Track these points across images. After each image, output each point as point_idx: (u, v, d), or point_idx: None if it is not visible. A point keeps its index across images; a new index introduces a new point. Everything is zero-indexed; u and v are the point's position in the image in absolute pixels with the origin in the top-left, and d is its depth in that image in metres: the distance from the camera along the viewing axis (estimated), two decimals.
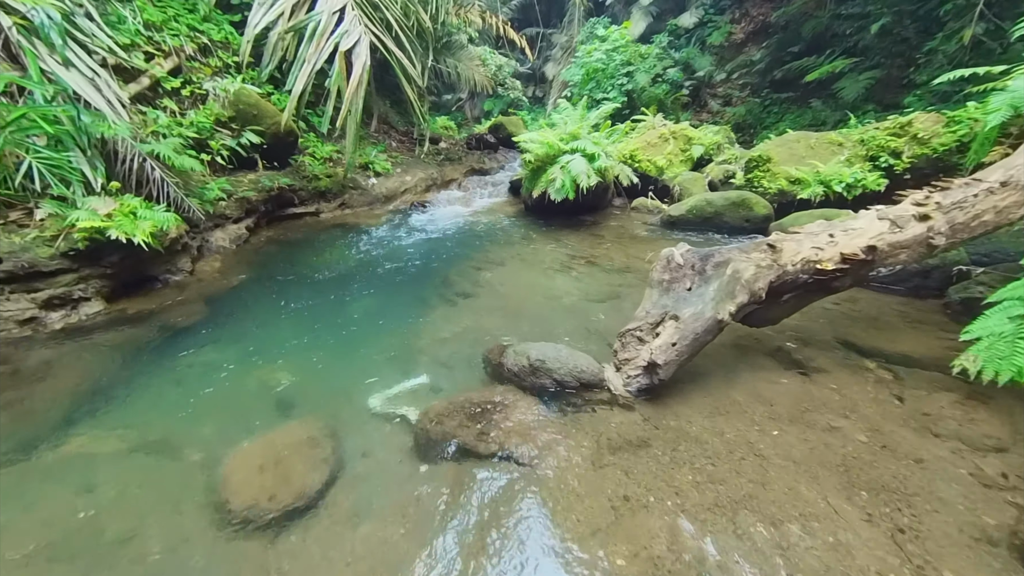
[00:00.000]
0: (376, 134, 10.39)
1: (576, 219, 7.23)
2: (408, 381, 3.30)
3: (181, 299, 4.45)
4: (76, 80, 4.46)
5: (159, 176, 5.11)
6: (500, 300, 4.56)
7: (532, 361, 2.86)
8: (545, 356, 2.85)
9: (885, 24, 10.13)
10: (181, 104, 6.57)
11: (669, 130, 8.19)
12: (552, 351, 2.89)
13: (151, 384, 3.36)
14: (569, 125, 7.18)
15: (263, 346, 3.84)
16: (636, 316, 2.93)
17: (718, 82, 16.20)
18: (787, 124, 13.60)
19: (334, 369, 3.54)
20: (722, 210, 6.29)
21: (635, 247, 5.95)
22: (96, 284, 3.97)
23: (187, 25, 6.98)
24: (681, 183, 7.32)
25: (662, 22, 17.38)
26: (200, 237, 5.53)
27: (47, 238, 3.73)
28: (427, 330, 4.00)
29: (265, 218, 6.83)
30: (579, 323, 4.06)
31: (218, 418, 3.02)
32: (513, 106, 18.82)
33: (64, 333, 3.77)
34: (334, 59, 4.91)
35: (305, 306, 4.50)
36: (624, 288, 4.77)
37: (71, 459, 2.69)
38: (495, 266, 5.47)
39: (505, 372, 3.01)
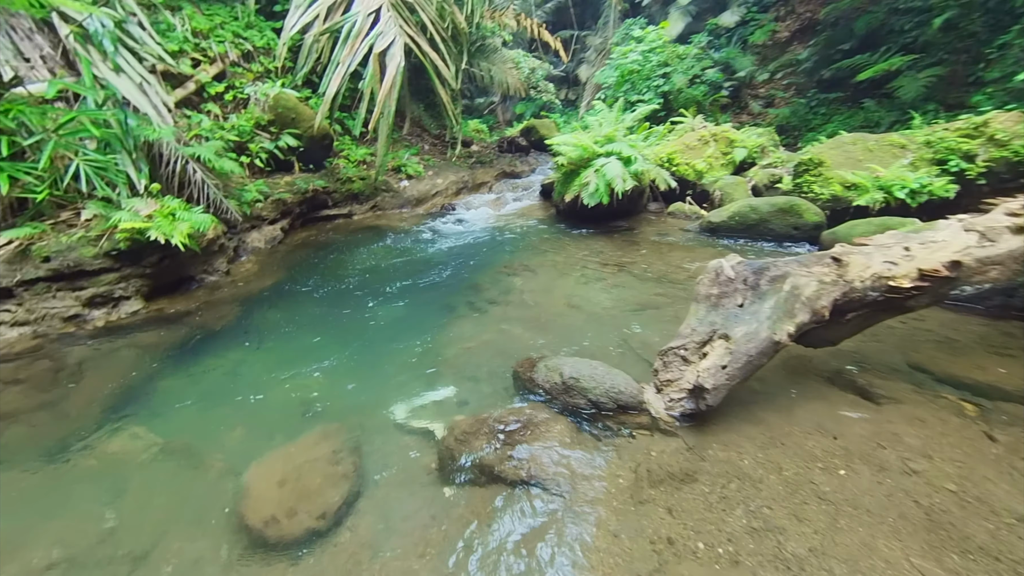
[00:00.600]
0: (409, 137, 10.42)
1: (609, 224, 6.95)
2: (433, 392, 3.16)
3: (215, 300, 4.49)
4: (126, 86, 4.59)
5: (200, 178, 5.21)
6: (530, 309, 4.37)
7: (565, 379, 2.64)
8: (579, 374, 2.63)
9: (950, 18, 9.34)
10: (224, 108, 6.73)
11: (710, 132, 7.78)
12: (587, 368, 2.66)
13: (181, 387, 3.35)
14: (604, 127, 6.91)
15: (291, 351, 3.80)
16: (680, 333, 2.67)
17: (760, 83, 15.49)
18: (836, 126, 12.85)
19: (360, 376, 3.44)
20: (768, 217, 5.87)
21: (672, 255, 5.63)
22: (136, 283, 4.03)
23: (232, 32, 7.16)
24: (722, 188, 6.92)
25: (701, 22, 16.78)
26: (237, 238, 5.61)
27: (92, 238, 3.81)
28: (454, 339, 3.85)
29: (299, 220, 6.89)
30: (613, 336, 3.81)
31: (243, 424, 2.97)
32: (545, 109, 18.62)
33: (104, 331, 3.84)
34: (368, 61, 4.86)
35: (334, 310, 4.45)
36: (661, 298, 4.48)
37: (101, 463, 2.69)
38: (525, 272, 5.27)
39: (535, 388, 2.81)
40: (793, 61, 14.72)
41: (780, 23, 15.87)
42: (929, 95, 10.44)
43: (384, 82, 4.67)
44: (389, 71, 4.66)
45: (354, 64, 4.71)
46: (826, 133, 12.87)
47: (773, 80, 15.34)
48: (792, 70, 14.71)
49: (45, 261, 3.59)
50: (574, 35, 19.65)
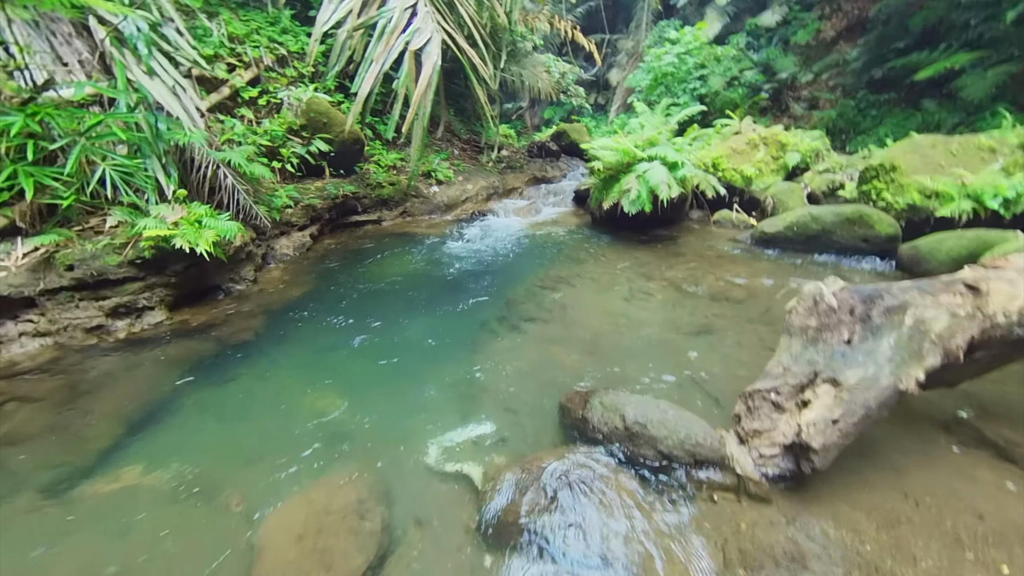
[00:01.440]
0: (440, 141, 10.16)
1: (650, 233, 6.45)
2: (469, 427, 2.76)
3: (241, 311, 4.24)
4: (158, 89, 4.42)
5: (231, 183, 5.01)
6: (571, 328, 3.93)
7: (629, 424, 2.20)
8: (646, 418, 2.18)
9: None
10: (257, 113, 6.59)
11: (759, 135, 7.17)
12: (655, 411, 2.22)
13: (202, 407, 3.08)
14: (647, 130, 6.42)
15: (317, 369, 3.49)
16: (768, 372, 2.19)
17: (803, 84, 14.61)
18: (889, 128, 11.96)
19: (388, 402, 3.09)
20: (832, 227, 5.25)
21: (724, 268, 5.09)
22: (160, 293, 3.82)
23: (267, 37, 7.03)
24: (775, 195, 6.32)
25: (740, 22, 16.01)
26: (265, 245, 5.40)
27: (117, 246, 3.60)
28: (489, 361, 3.46)
29: (328, 226, 6.67)
30: (669, 363, 3.34)
31: (264, 455, 2.65)
32: (575, 113, 18.16)
33: (126, 343, 3.62)
34: (403, 61, 4.55)
35: (362, 325, 4.13)
36: (719, 320, 3.97)
37: (111, 496, 2.41)
38: (562, 286, 4.84)
39: (589, 430, 2.38)
40: (840, 61, 13.81)
41: (825, 22, 14.96)
42: (999, 94, 9.51)
43: (419, 82, 4.35)
44: (425, 70, 4.34)
45: (388, 63, 4.42)
46: (876, 136, 12.00)
47: (817, 81, 14.44)
48: (839, 70, 13.81)
49: (69, 269, 3.40)
50: (605, 39, 19.14)
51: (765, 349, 3.47)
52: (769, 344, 3.52)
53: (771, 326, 3.82)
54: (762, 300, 4.29)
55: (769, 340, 3.59)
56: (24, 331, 3.31)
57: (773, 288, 4.52)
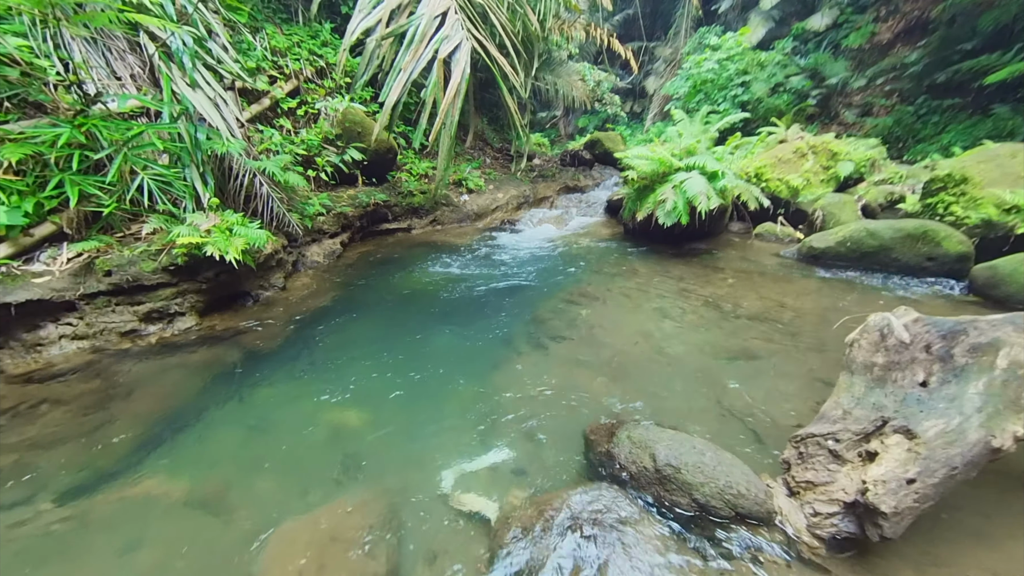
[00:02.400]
0: (471, 150, 10.16)
1: (686, 247, 6.12)
2: (487, 454, 2.59)
3: (268, 318, 4.26)
4: (200, 101, 4.55)
5: (266, 191, 5.10)
6: (599, 349, 3.70)
7: (659, 464, 1.96)
8: (680, 461, 1.94)
9: None
10: (296, 123, 6.75)
11: (807, 143, 6.70)
12: (690, 452, 1.97)
13: (223, 416, 3.06)
14: (685, 138, 6.12)
15: (339, 381, 3.42)
16: (825, 414, 1.91)
17: (855, 90, 13.76)
18: (954, 136, 11.06)
19: (407, 420, 2.96)
20: (891, 244, 4.78)
21: (767, 286, 4.71)
22: (192, 299, 3.87)
23: (307, 50, 7.23)
24: (824, 207, 5.85)
25: (785, 26, 15.31)
26: (297, 252, 5.46)
27: (152, 252, 3.69)
28: (512, 382, 3.28)
29: (359, 233, 6.72)
30: (704, 392, 3.06)
31: (279, 471, 2.58)
32: (610, 122, 17.85)
33: (157, 348, 3.69)
34: (432, 68, 4.50)
35: (386, 336, 4.05)
36: (760, 344, 3.63)
37: (127, 506, 2.39)
38: (592, 302, 4.61)
39: (615, 468, 2.16)
40: (898, 65, 12.92)
41: (880, 24, 14.07)
42: None
43: (448, 90, 4.28)
44: (454, 78, 4.27)
45: (417, 71, 4.37)
46: (941, 144, 11.12)
47: (871, 87, 13.57)
48: (896, 75, 12.91)
49: (107, 275, 3.50)
50: (643, 46, 18.78)
51: (815, 381, 3.13)
52: (820, 375, 3.18)
53: (822, 354, 3.46)
54: (810, 323, 3.92)
55: (820, 370, 3.24)
56: (63, 334, 3.42)
57: (823, 310, 4.13)
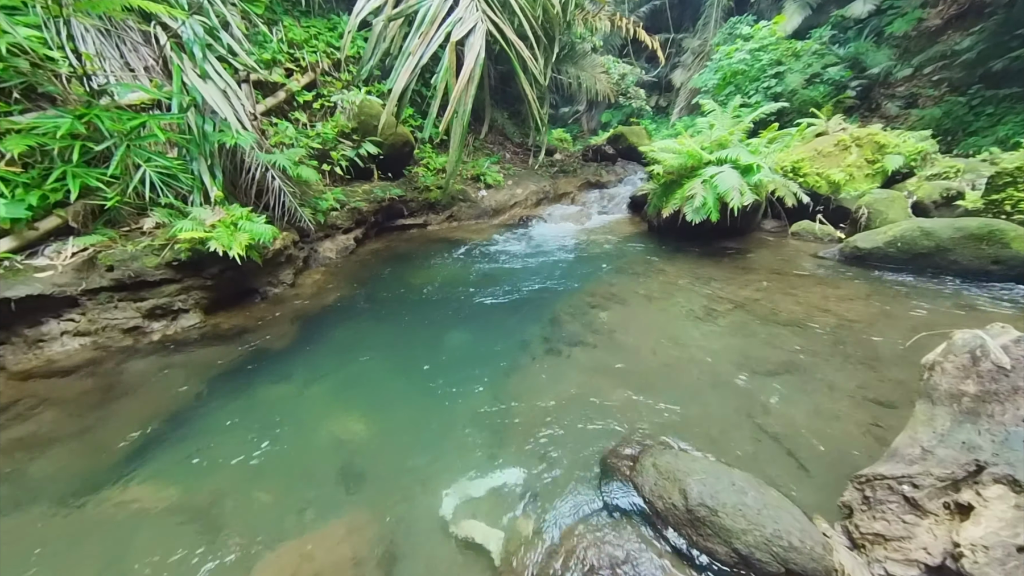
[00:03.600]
0: (491, 145, 9.89)
1: (716, 245, 5.70)
2: (495, 474, 2.33)
3: (276, 317, 4.10)
4: (210, 92, 4.43)
5: (278, 186, 4.96)
6: (622, 356, 3.38)
7: (692, 503, 1.66)
8: (717, 500, 1.63)
9: None
10: (312, 117, 6.62)
11: (851, 135, 6.16)
12: (729, 491, 1.65)
13: (224, 419, 2.89)
14: (716, 130, 5.69)
15: (345, 384, 3.22)
16: (898, 451, 1.57)
17: (899, 80, 12.86)
18: (1012, 128, 10.20)
19: (412, 431, 2.74)
20: (949, 245, 4.28)
21: (806, 290, 4.29)
22: (196, 296, 3.74)
23: (324, 42, 7.08)
24: (870, 204, 5.34)
25: (823, 14, 14.46)
26: (308, 247, 5.31)
27: (155, 247, 3.56)
28: (526, 391, 3.01)
29: (373, 229, 6.55)
30: (741, 409, 2.71)
31: (277, 483, 2.39)
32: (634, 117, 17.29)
33: (160, 345, 3.57)
34: (445, 54, 4.22)
35: (398, 337, 3.84)
36: (802, 356, 3.24)
37: (116, 514, 2.24)
38: (614, 304, 4.29)
39: (638, 501, 1.86)
40: (948, 53, 12.00)
41: (929, 9, 13.10)
42: None
43: (460, 76, 4.00)
44: (467, 63, 3.99)
45: (427, 55, 4.10)
46: (996, 137, 10.29)
47: (917, 76, 12.65)
48: (946, 63, 11.99)
49: (109, 270, 3.39)
50: (670, 38, 18.10)
51: (866, 400, 2.74)
52: (872, 393, 2.79)
53: (873, 369, 3.06)
54: (857, 332, 3.50)
55: (872, 388, 2.85)
56: (65, 330, 3.33)
57: (872, 318, 3.70)
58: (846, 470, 2.18)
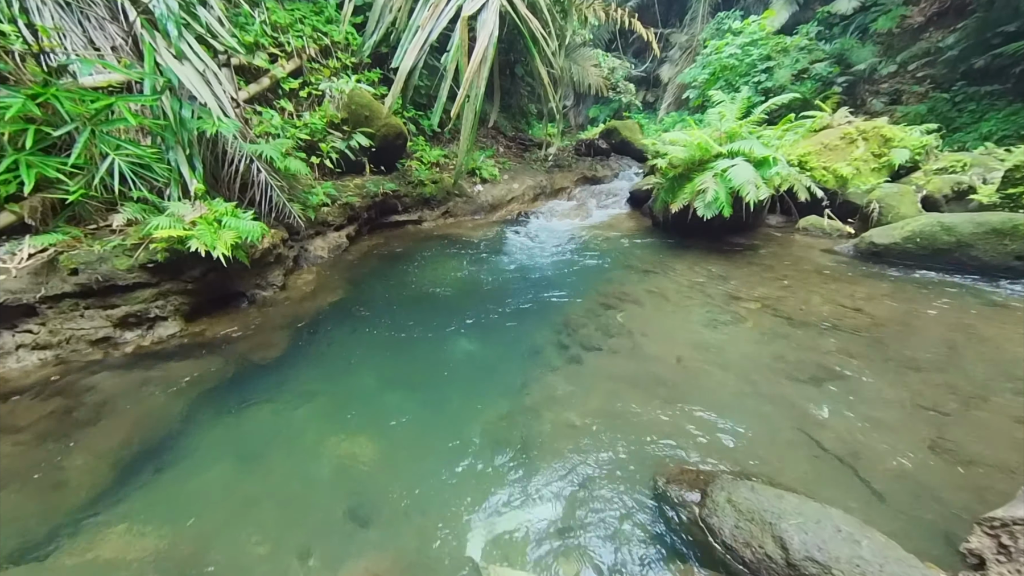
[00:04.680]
0: (484, 139, 9.48)
1: (725, 242, 5.46)
2: (524, 504, 2.01)
3: (265, 323, 3.68)
4: (187, 74, 3.93)
5: (264, 179, 4.49)
6: (645, 362, 3.09)
7: (795, 557, 1.36)
8: (827, 553, 1.33)
9: None
10: (299, 106, 6.12)
11: (856, 128, 5.99)
12: (836, 539, 1.36)
13: (209, 445, 2.49)
14: (726, 121, 5.43)
15: (345, 399, 2.84)
16: None
17: (883, 76, 12.87)
18: (995, 124, 10.31)
19: (424, 454, 2.38)
20: (970, 240, 4.11)
21: (829, 287, 4.07)
22: (175, 301, 3.30)
23: (311, 27, 6.56)
24: (881, 199, 5.17)
25: (809, 10, 14.40)
26: (298, 246, 4.86)
27: (128, 247, 3.10)
28: (547, 404, 2.69)
29: (367, 225, 6.11)
30: (790, 423, 2.44)
31: (273, 522, 2.03)
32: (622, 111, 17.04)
33: (134, 358, 3.12)
34: (452, 37, 3.80)
35: (397, 344, 3.47)
36: (843, 360, 3.00)
37: (85, 568, 1.85)
38: (628, 304, 3.99)
39: (715, 545, 1.56)
40: (931, 50, 12.05)
41: (912, 7, 13.14)
42: None
43: (473, 55, 3.60)
44: (480, 41, 3.59)
45: (436, 31, 3.69)
46: (980, 133, 10.38)
47: (901, 73, 12.69)
48: (929, 60, 12.03)
49: (73, 274, 2.92)
50: (658, 33, 17.83)
51: (921, 409, 2.51)
52: (926, 400, 2.56)
53: (919, 372, 2.83)
54: (894, 332, 3.28)
55: (924, 394, 2.62)
56: (22, 343, 2.86)
57: (905, 316, 3.49)
58: (926, 498, 1.93)
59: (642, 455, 2.23)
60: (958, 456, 2.16)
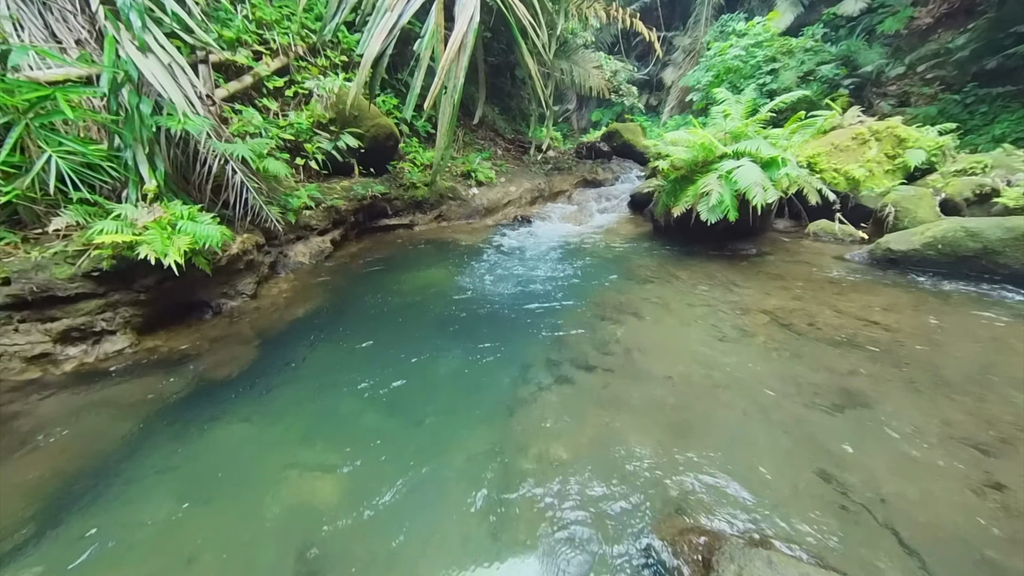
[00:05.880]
0: (481, 140, 9.17)
1: (729, 247, 5.10)
2: (502, 563, 1.66)
3: (229, 335, 3.35)
4: (151, 67, 3.63)
5: (240, 180, 4.18)
6: (645, 385, 2.73)
7: None
8: None
9: None
10: (284, 105, 5.82)
11: (869, 128, 5.62)
12: None
13: (151, 481, 2.16)
14: (732, 120, 5.08)
15: (311, 427, 2.49)
16: None
17: (891, 78, 12.47)
18: (1007, 127, 9.90)
19: (396, 494, 2.04)
20: (999, 246, 3.73)
21: (845, 298, 3.69)
22: (126, 313, 2.97)
23: (299, 24, 6.27)
24: (896, 202, 4.79)
25: (815, 12, 14.07)
26: (276, 252, 4.54)
27: (70, 254, 2.78)
28: (533, 435, 2.33)
29: (354, 230, 5.79)
30: (809, 461, 2.08)
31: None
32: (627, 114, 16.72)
33: (76, 377, 2.79)
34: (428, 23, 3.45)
35: (376, 360, 3.12)
36: (865, 382, 2.63)
37: None
38: (627, 316, 3.64)
39: None
40: (940, 51, 11.65)
41: (920, 8, 12.76)
42: None
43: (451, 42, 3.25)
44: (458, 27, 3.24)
45: (408, 14, 3.35)
46: (992, 136, 9.97)
47: (909, 75, 12.29)
48: (938, 61, 11.63)
49: (5, 284, 2.60)
50: (661, 36, 17.51)
51: (956, 441, 2.13)
52: (962, 431, 2.19)
53: (950, 397, 2.46)
54: (918, 349, 2.90)
55: (959, 424, 2.24)
56: None
57: (929, 331, 3.11)
58: (978, 563, 1.57)
59: (637, 504, 1.87)
60: (1009, 505, 1.79)
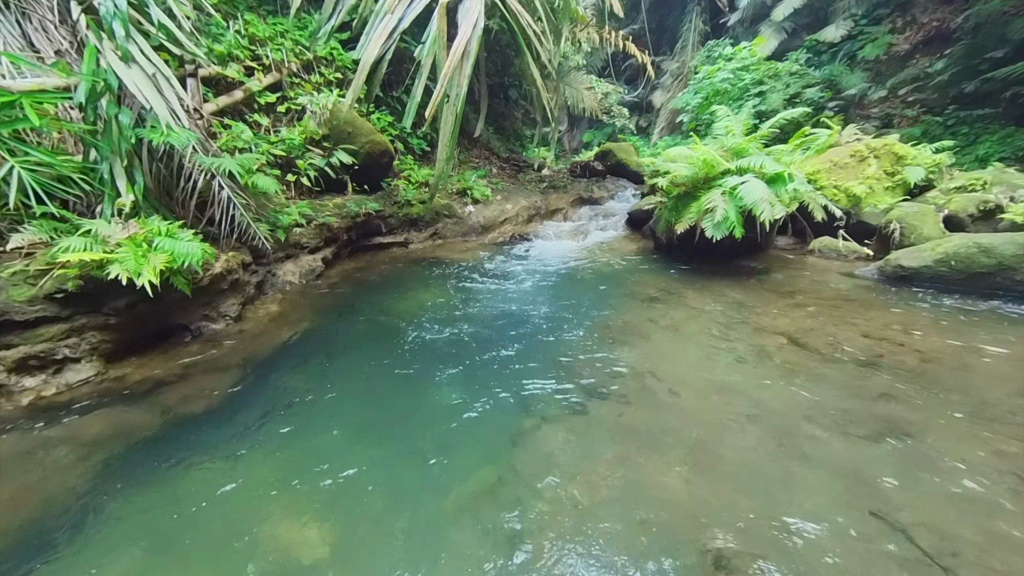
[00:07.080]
0: (476, 159, 9.08)
1: (734, 265, 4.95)
2: None
3: (208, 362, 3.06)
4: (133, 77, 3.43)
5: (226, 196, 3.95)
6: (661, 414, 2.49)
7: None
8: None
9: None
10: (277, 121, 5.65)
11: (867, 146, 5.60)
12: None
13: (110, 532, 1.85)
14: (733, 137, 5.01)
15: (294, 466, 2.20)
16: None
17: (874, 101, 12.78)
18: (989, 147, 10.14)
19: (387, 545, 1.76)
20: (1013, 262, 3.62)
21: (863, 316, 3.52)
22: (92, 339, 2.68)
23: (293, 40, 6.16)
24: (901, 219, 4.70)
25: (798, 38, 14.45)
26: (264, 271, 4.28)
27: (31, 274, 2.51)
28: (540, 472, 2.07)
29: (347, 248, 5.56)
30: (853, 503, 1.84)
31: None
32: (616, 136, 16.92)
33: (33, 411, 2.48)
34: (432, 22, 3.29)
35: (368, 392, 2.85)
36: (901, 408, 2.42)
37: None
38: (635, 339, 3.42)
39: None
40: (920, 75, 12.00)
41: (897, 35, 13.20)
42: None
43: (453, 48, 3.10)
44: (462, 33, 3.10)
45: (409, 18, 3.21)
46: (976, 156, 10.21)
47: (891, 98, 12.61)
48: (918, 85, 11.97)
49: None
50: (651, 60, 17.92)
51: (1013, 475, 1.92)
52: (1018, 466, 1.98)
53: (998, 425, 2.25)
54: (951, 372, 2.72)
55: (1017, 460, 2.03)
56: None
57: (958, 352, 2.93)
58: None
59: (665, 558, 1.62)
60: None
